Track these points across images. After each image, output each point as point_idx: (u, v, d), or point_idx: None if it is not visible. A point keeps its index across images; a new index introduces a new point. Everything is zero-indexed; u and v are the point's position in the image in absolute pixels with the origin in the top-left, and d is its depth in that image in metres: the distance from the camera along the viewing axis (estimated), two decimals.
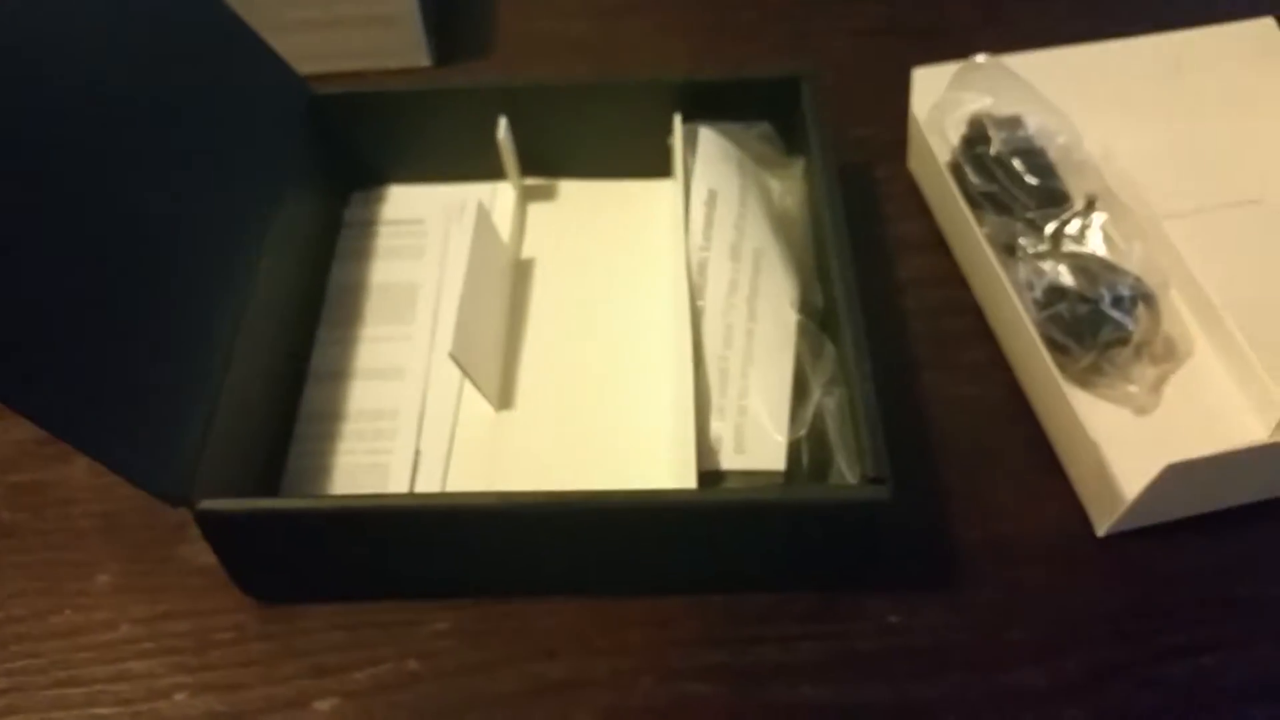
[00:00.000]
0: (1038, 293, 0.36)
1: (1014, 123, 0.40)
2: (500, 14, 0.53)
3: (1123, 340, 0.36)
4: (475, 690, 0.32)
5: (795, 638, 0.33)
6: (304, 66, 0.41)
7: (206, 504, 0.30)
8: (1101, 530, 0.34)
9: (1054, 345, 0.36)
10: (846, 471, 0.32)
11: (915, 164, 0.44)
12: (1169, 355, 0.37)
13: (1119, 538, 0.34)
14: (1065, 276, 0.37)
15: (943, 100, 0.41)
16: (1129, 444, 0.34)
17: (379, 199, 0.44)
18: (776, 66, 0.41)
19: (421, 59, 0.49)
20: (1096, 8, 0.49)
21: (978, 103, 0.39)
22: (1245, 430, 0.35)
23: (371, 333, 0.40)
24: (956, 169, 0.40)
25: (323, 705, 0.32)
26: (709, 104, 0.41)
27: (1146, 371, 0.36)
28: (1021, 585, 0.33)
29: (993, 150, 0.39)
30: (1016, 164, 0.38)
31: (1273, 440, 0.31)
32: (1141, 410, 0.36)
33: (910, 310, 0.40)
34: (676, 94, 0.41)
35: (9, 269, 0.27)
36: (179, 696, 0.33)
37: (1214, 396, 0.37)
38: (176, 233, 0.33)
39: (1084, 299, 0.36)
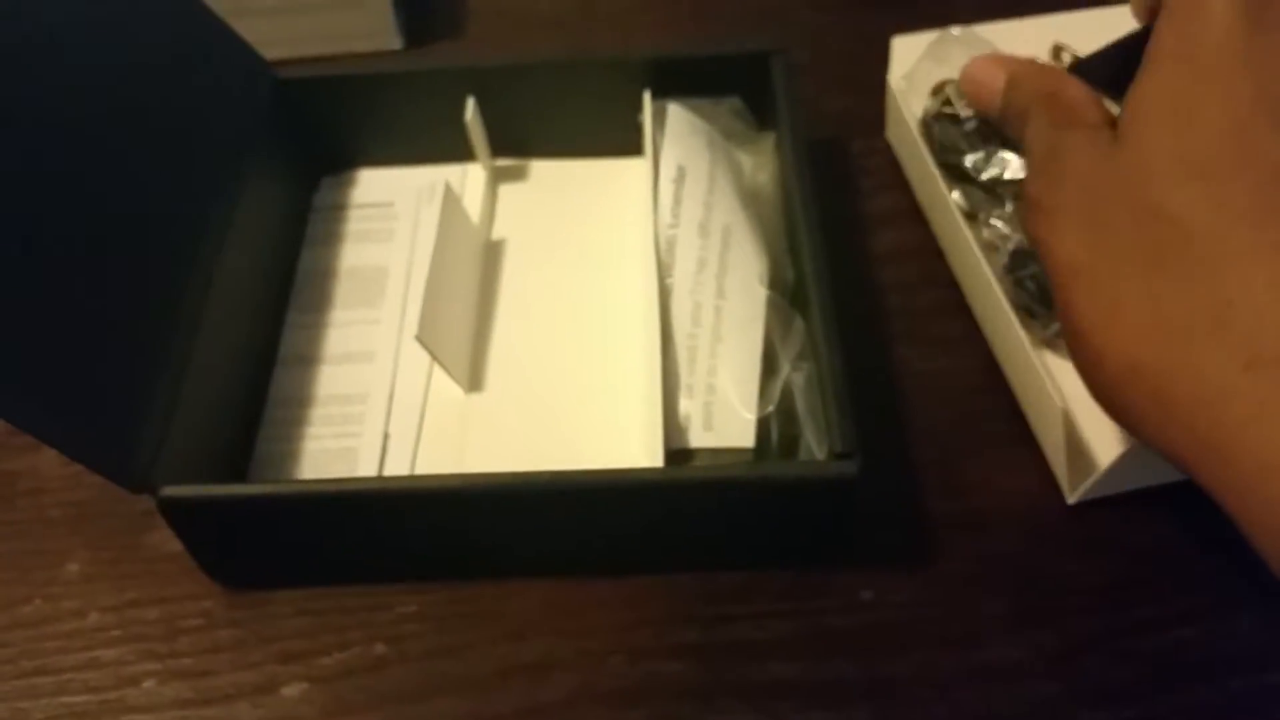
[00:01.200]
0: (1004, 257, 0.36)
1: None
2: None
3: None
4: (443, 673, 0.32)
5: (766, 615, 0.32)
6: (271, 51, 0.41)
7: (169, 491, 0.30)
8: (1072, 499, 0.34)
9: (1024, 310, 0.35)
10: (815, 447, 0.31)
11: (892, 134, 0.44)
12: None
13: (1091, 508, 0.34)
14: (1026, 240, 0.36)
15: (916, 69, 0.41)
16: (1100, 411, 0.34)
17: (349, 183, 0.43)
18: (746, 41, 0.41)
19: (393, 41, 0.49)
20: None
21: (950, 72, 0.39)
22: None
23: (340, 317, 0.39)
24: (927, 137, 0.39)
25: (291, 690, 0.32)
26: (679, 80, 0.41)
27: None
28: (994, 558, 0.33)
29: (960, 117, 0.38)
30: (980, 131, 0.38)
31: None
32: None
33: (884, 284, 0.40)
34: (646, 70, 0.41)
35: None
36: (148, 684, 0.32)
37: None
38: (137, 220, 0.33)
39: None
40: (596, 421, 0.36)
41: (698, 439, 0.32)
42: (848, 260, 0.40)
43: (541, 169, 0.44)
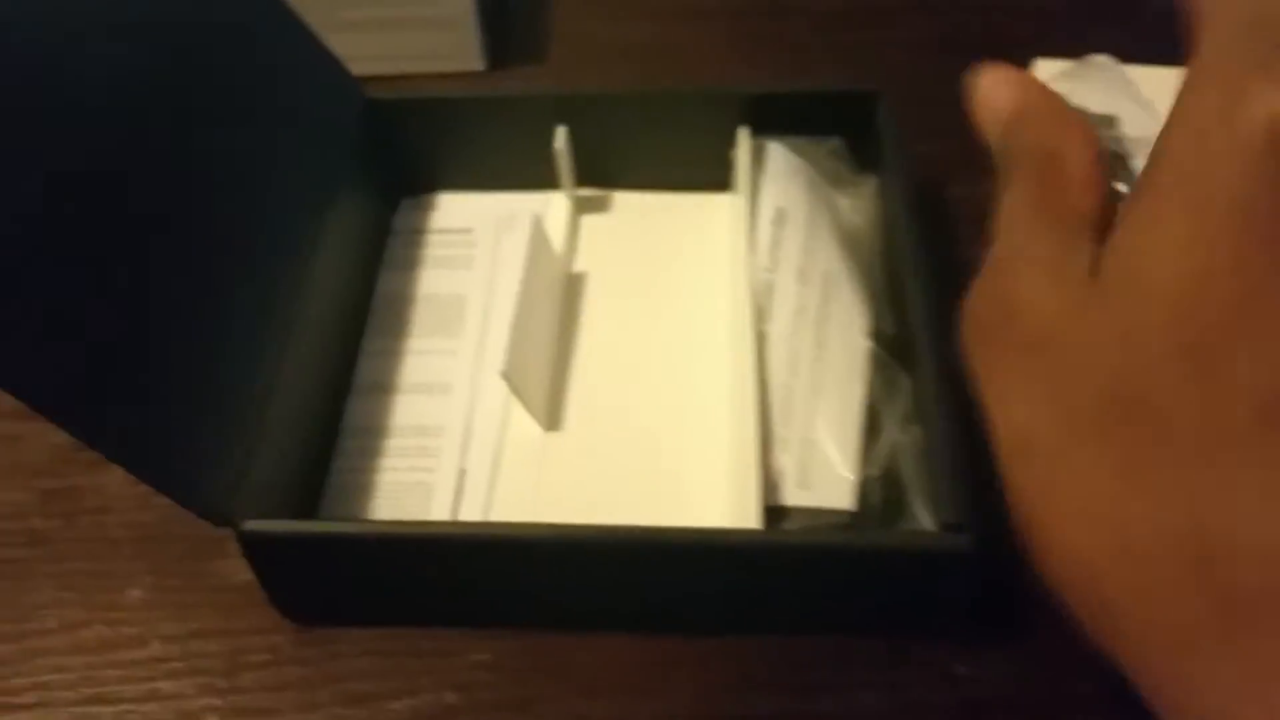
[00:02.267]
0: None
1: (1107, 121, 0.38)
2: (555, 17, 0.51)
3: None
4: None
5: (854, 686, 0.31)
6: (353, 68, 0.40)
7: (251, 525, 0.29)
8: None
9: None
10: (922, 516, 0.30)
11: None
12: None
13: None
14: None
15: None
16: None
17: (428, 206, 0.43)
18: (847, 80, 0.40)
19: (476, 63, 0.48)
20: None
21: (1081, 98, 0.37)
22: None
23: (417, 345, 0.38)
24: None
25: None
26: (775, 117, 0.39)
27: None
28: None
29: None
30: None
31: None
32: None
33: None
34: (742, 105, 0.40)
35: (47, 273, 0.26)
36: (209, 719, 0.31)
37: None
38: (230, 240, 0.32)
39: None
40: (678, 469, 0.34)
41: (793, 497, 0.31)
42: (947, 314, 0.39)
43: (625, 201, 0.43)
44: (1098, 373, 0.20)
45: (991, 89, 0.26)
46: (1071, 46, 0.42)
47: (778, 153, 0.38)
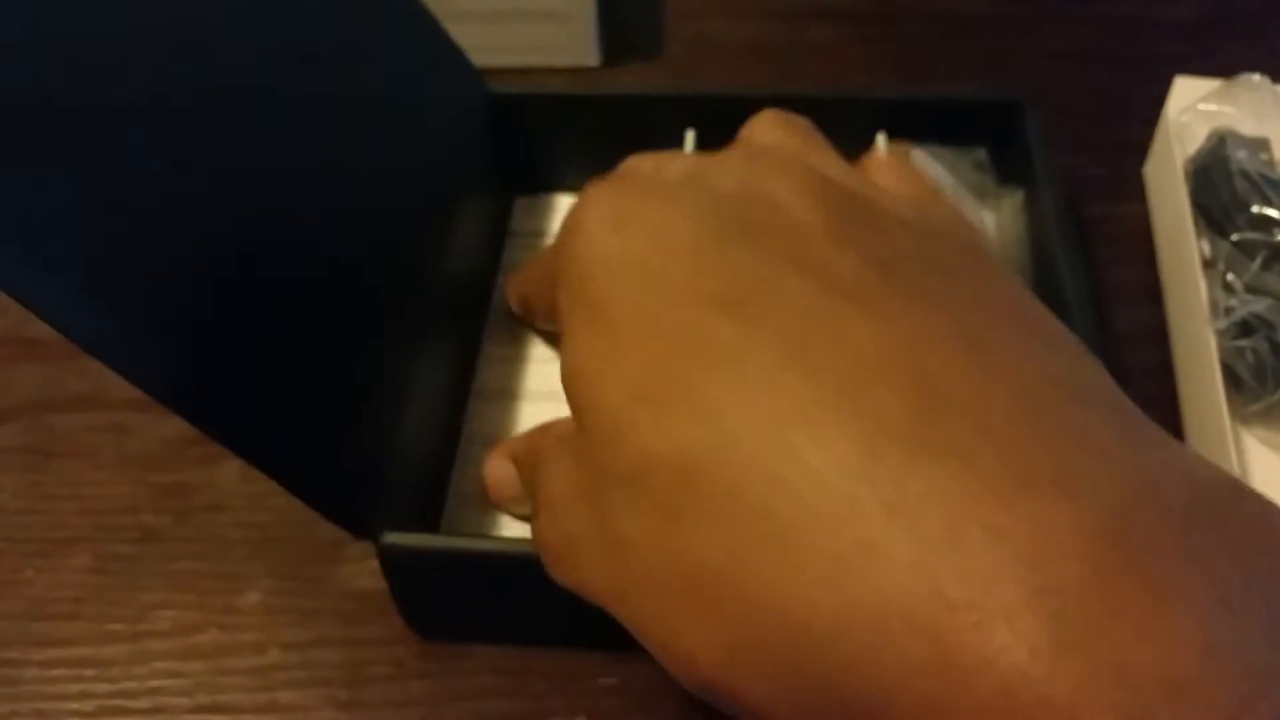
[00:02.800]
0: (1227, 320, 0.33)
1: (1260, 144, 0.36)
2: (671, 13, 0.50)
3: None
4: None
5: None
6: None
7: (391, 538, 0.28)
8: None
9: (1234, 379, 0.33)
10: None
11: (1151, 170, 0.41)
12: None
13: None
14: (1263, 309, 0.33)
15: (1197, 110, 0.38)
16: None
17: (546, 207, 0.41)
18: (991, 88, 0.38)
19: (591, 58, 0.47)
20: None
21: (1231, 119, 0.36)
22: None
23: (541, 353, 0.37)
24: (1190, 178, 0.37)
25: None
26: (913, 124, 0.38)
27: None
28: None
29: (1226, 165, 0.35)
30: (1243, 184, 0.35)
31: None
32: None
33: (1131, 368, 0.37)
34: (878, 111, 0.38)
35: (202, 272, 0.25)
36: None
37: None
38: (366, 241, 0.31)
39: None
40: None
41: None
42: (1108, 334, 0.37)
43: None
44: (615, 470, 0.20)
45: (494, 470, 0.32)
46: (1219, 64, 0.40)
47: (921, 160, 0.37)
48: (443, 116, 0.36)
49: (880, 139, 0.38)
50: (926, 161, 0.37)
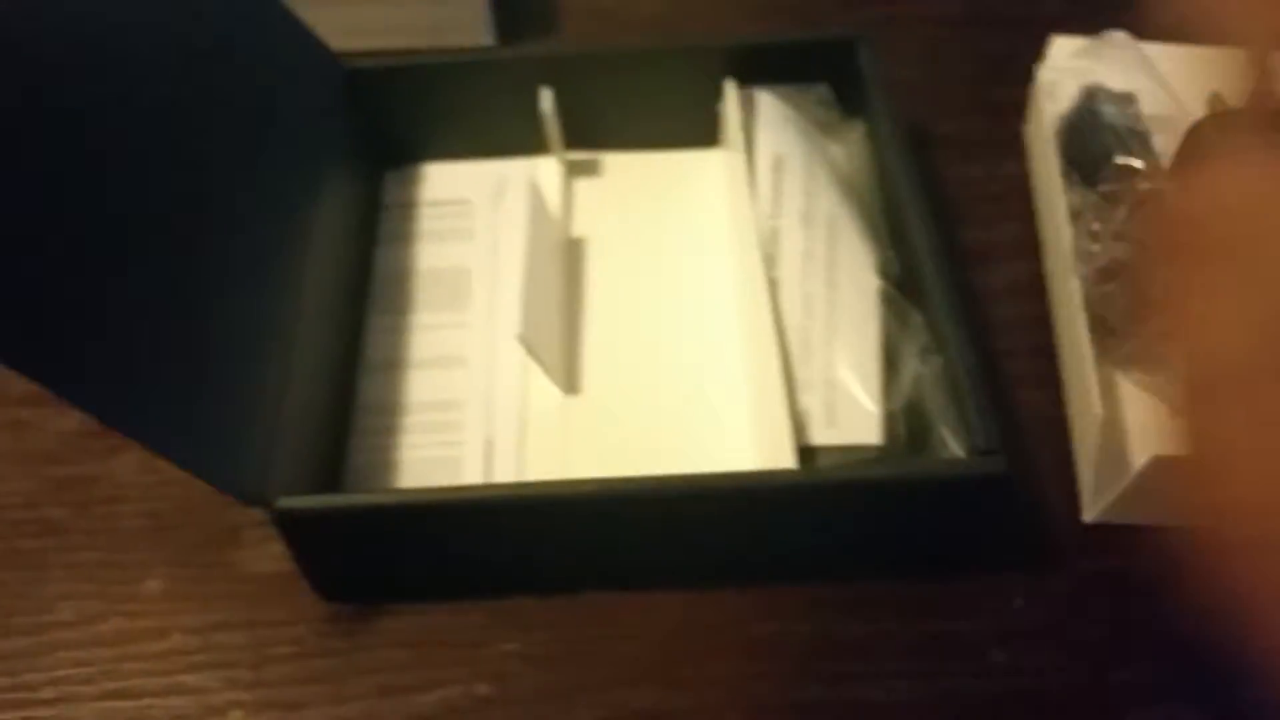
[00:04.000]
0: (1092, 267, 0.35)
1: (1126, 99, 0.38)
2: None
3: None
4: (549, 719, 0.30)
5: (891, 675, 0.31)
6: (356, 42, 0.39)
7: (284, 502, 0.28)
8: (1089, 516, 0.33)
9: (1102, 325, 0.34)
10: (953, 444, 0.30)
11: (1030, 129, 0.42)
12: None
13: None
14: (1123, 254, 0.34)
15: (1066, 68, 0.39)
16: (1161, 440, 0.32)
17: (416, 178, 0.42)
18: (828, 28, 0.39)
19: (484, 37, 0.47)
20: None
21: (1100, 75, 0.37)
22: None
23: (426, 320, 0.38)
24: (1062, 133, 0.38)
25: None
26: (758, 69, 0.39)
27: None
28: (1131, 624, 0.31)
29: (1094, 120, 0.36)
30: (1110, 137, 0.36)
31: None
32: None
33: (1003, 320, 0.38)
34: (725, 58, 0.39)
35: (67, 265, 0.25)
36: (234, 715, 0.31)
37: None
38: (230, 225, 0.31)
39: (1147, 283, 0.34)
40: (702, 421, 0.35)
41: (820, 435, 0.31)
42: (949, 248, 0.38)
43: (615, 161, 0.42)
44: None
45: None
46: (1093, 24, 0.41)
47: (768, 101, 0.39)
48: (298, 99, 0.36)
49: (728, 86, 0.39)
50: (775, 103, 0.38)
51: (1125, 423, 0.35)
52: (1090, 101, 0.37)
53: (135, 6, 0.30)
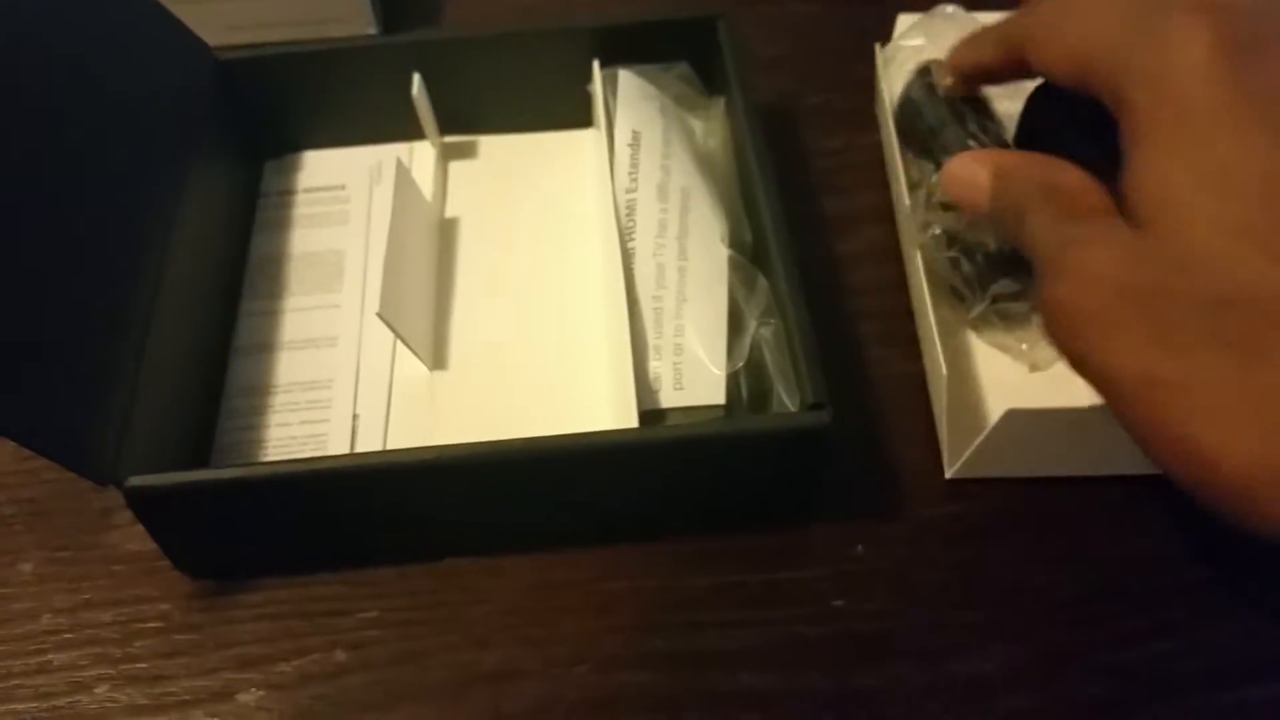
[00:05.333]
0: (927, 235, 0.36)
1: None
2: None
3: (1014, 296, 0.35)
4: (404, 682, 0.31)
5: (734, 624, 0.32)
6: (241, 36, 0.40)
7: (135, 481, 0.29)
8: (950, 472, 0.34)
9: (951, 291, 0.36)
10: (787, 401, 0.31)
11: (879, 108, 0.43)
12: None
13: (1057, 518, 0.33)
14: (955, 224, 0.35)
15: (902, 44, 0.40)
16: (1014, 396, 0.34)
17: (294, 166, 0.42)
18: (690, 7, 0.40)
19: (367, 27, 0.47)
20: None
21: (937, 51, 0.38)
22: None
23: (298, 303, 0.38)
24: (900, 111, 0.39)
25: (247, 698, 0.31)
26: (626, 48, 0.40)
27: (1039, 330, 0.35)
28: (961, 565, 0.33)
29: (926, 93, 0.37)
30: (945, 110, 0.37)
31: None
32: (1035, 366, 0.35)
33: (854, 287, 0.39)
34: (593, 40, 0.40)
35: None
36: (100, 689, 0.31)
37: None
38: (84, 213, 0.32)
39: (983, 250, 0.35)
40: (563, 391, 0.36)
41: (669, 399, 0.32)
42: (806, 229, 0.40)
43: (491, 144, 0.43)
44: (1182, 295, 0.23)
45: (962, 169, 0.30)
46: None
47: (627, 79, 0.39)
48: (166, 89, 0.37)
49: (595, 65, 0.40)
50: (634, 80, 0.39)
51: (979, 379, 0.36)
52: (924, 75, 0.38)
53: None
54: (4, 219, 0.29)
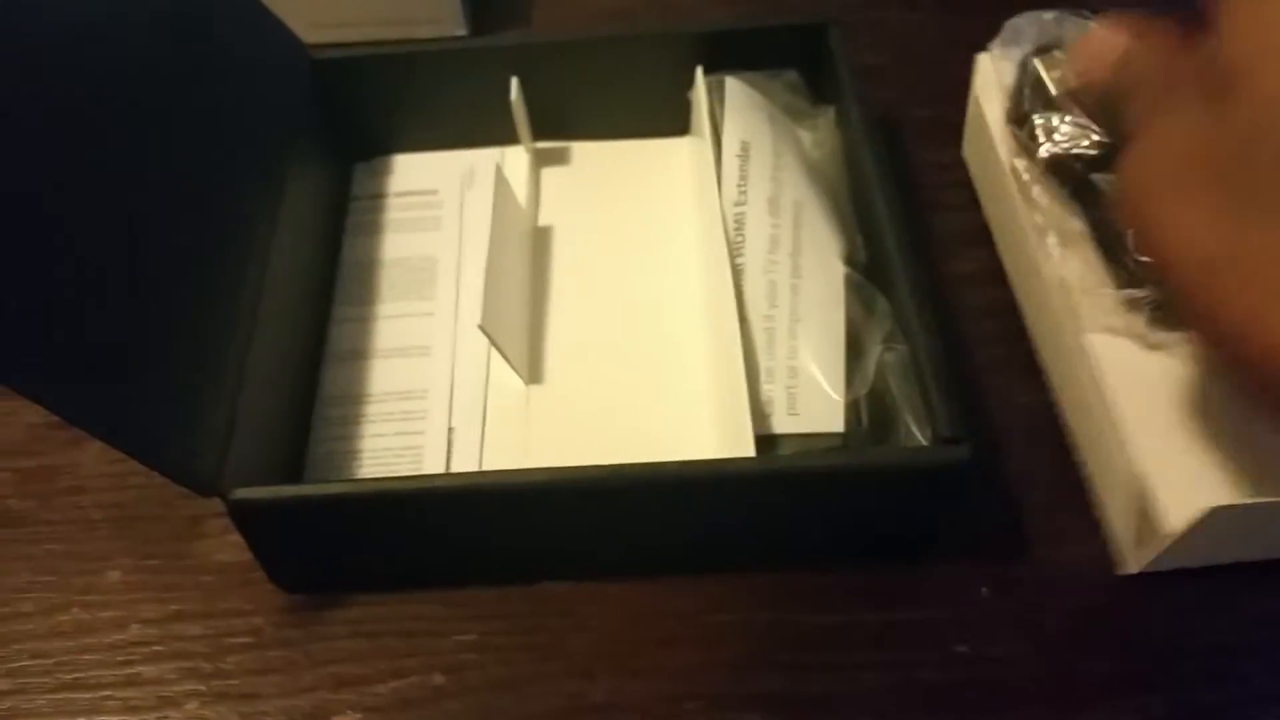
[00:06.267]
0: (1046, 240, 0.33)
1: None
2: None
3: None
4: (503, 709, 0.30)
5: (853, 666, 0.30)
6: (327, 35, 0.39)
7: (240, 493, 0.28)
8: (1132, 568, 0.31)
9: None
10: (918, 433, 0.30)
11: (972, 121, 0.41)
12: None
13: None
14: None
15: (1003, 53, 0.38)
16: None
17: (385, 170, 0.42)
18: (799, 13, 0.38)
19: (457, 28, 0.46)
20: None
21: (1039, 58, 0.36)
22: None
23: (391, 310, 0.37)
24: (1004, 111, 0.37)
25: None
26: (729, 55, 0.39)
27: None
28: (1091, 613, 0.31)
29: (1031, 80, 0.36)
30: (1046, 91, 0.35)
31: None
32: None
33: (968, 308, 0.38)
34: (695, 46, 0.39)
35: (19, 256, 0.25)
36: (190, 705, 0.30)
37: None
38: (191, 216, 0.31)
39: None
40: (663, 410, 0.34)
41: (783, 424, 0.31)
42: (917, 235, 0.38)
43: (584, 151, 0.42)
44: (1264, 164, 0.21)
45: (1100, 42, 0.28)
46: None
47: (735, 87, 0.38)
48: (264, 91, 0.36)
49: (698, 71, 0.39)
50: (743, 88, 0.38)
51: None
52: (1027, 63, 0.36)
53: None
54: (111, 220, 0.28)
